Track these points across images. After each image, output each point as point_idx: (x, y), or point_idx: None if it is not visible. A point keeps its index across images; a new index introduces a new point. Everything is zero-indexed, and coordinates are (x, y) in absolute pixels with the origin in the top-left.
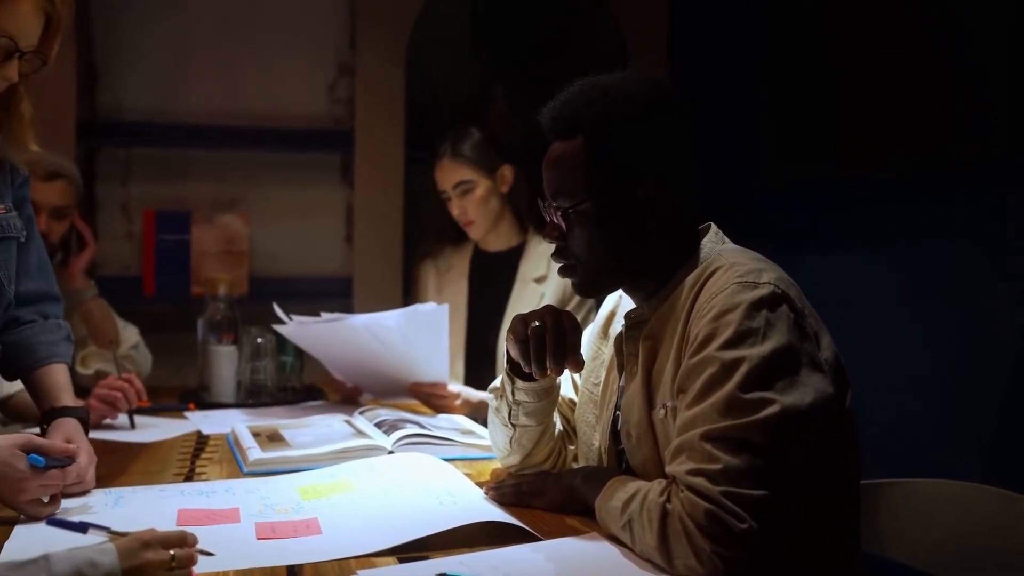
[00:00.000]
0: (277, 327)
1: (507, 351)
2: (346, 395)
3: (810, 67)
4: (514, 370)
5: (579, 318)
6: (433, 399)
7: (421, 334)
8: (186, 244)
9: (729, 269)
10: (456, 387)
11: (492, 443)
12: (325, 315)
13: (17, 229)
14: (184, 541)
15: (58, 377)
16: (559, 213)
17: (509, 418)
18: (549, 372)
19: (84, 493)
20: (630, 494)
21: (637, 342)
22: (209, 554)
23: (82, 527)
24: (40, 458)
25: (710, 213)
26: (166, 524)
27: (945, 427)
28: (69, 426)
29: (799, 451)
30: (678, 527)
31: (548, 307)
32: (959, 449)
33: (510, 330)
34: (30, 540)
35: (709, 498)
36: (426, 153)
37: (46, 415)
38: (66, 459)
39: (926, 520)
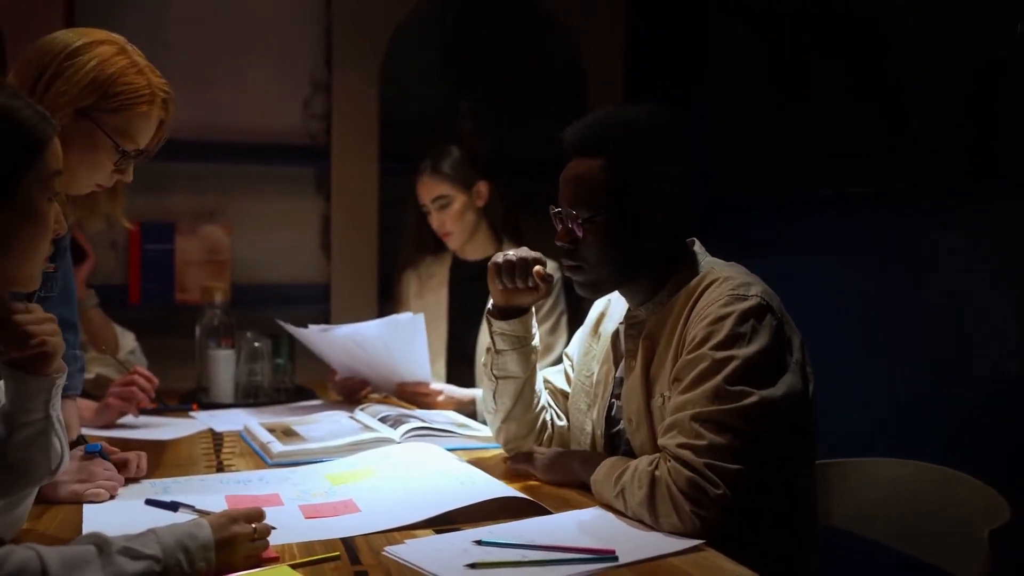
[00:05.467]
0: (298, 331)
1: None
2: (343, 391)
3: (756, 86)
4: (491, 314)
5: (550, 323)
6: (418, 397)
7: (401, 341)
8: (170, 254)
9: (723, 283)
10: (438, 385)
11: (484, 406)
12: (313, 327)
13: (57, 288)
14: (262, 515)
15: (67, 415)
16: (578, 221)
17: (492, 369)
18: (520, 285)
19: (137, 480)
20: (621, 470)
21: (636, 340)
22: (272, 528)
23: (173, 506)
24: (96, 444)
25: None
26: (218, 508)
27: (888, 412)
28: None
29: (771, 435)
30: (664, 491)
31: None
32: (902, 432)
33: (489, 266)
34: (104, 517)
35: (693, 468)
36: (399, 166)
37: None
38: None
39: (876, 495)
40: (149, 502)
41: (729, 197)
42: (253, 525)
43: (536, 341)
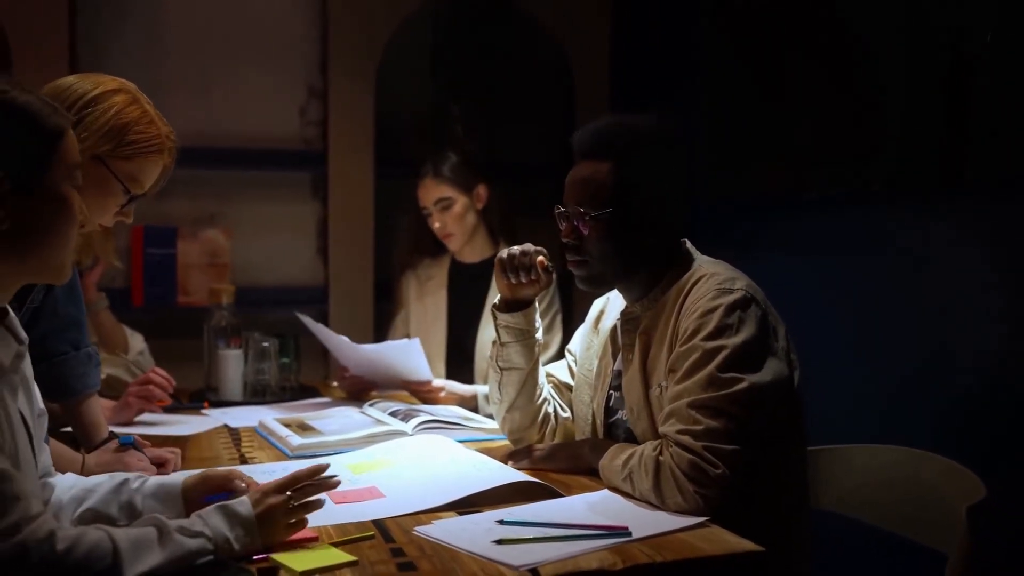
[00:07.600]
0: (316, 326)
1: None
2: (350, 388)
3: (740, 92)
4: (497, 307)
5: (546, 321)
6: (421, 393)
7: (400, 359)
8: (172, 257)
9: (711, 278)
10: (440, 381)
11: (491, 396)
12: (322, 330)
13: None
14: (296, 480)
15: (94, 414)
16: (584, 219)
17: (497, 361)
18: (524, 280)
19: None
20: (628, 454)
21: (632, 335)
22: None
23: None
24: (129, 437)
25: None
26: None
27: (871, 402)
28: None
29: (761, 417)
30: (668, 474)
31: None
32: (885, 420)
33: (496, 261)
34: None
35: (692, 451)
36: (394, 170)
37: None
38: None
39: (860, 479)
40: None
41: (714, 199)
42: (287, 493)
43: (539, 335)
